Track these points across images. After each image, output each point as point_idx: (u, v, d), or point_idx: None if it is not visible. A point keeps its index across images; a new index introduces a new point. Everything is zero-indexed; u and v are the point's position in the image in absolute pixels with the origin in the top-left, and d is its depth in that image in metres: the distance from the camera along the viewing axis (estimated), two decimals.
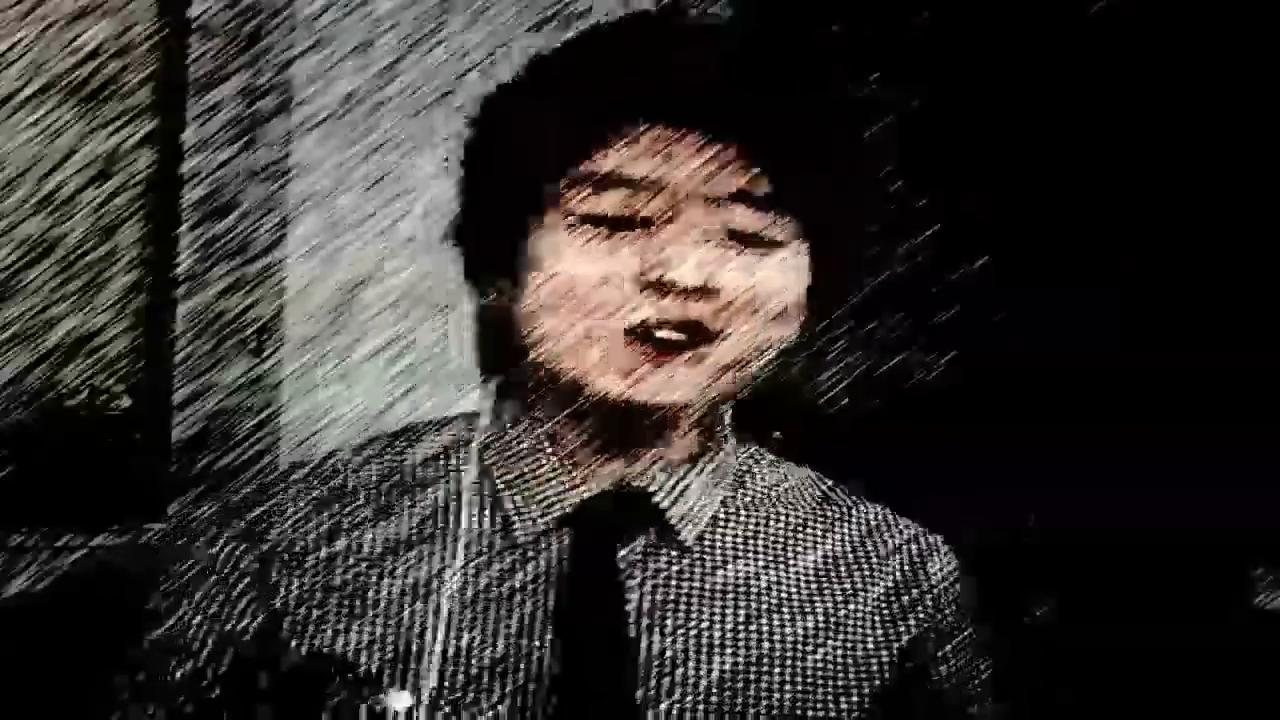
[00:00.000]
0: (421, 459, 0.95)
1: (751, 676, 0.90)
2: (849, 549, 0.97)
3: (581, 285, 0.85)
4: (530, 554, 0.90)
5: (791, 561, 0.95)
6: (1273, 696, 2.20)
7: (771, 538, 0.96)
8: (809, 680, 0.91)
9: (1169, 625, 2.46)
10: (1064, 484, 2.48)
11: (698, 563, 0.92)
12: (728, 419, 0.98)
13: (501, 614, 0.89)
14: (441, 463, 0.95)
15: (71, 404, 1.78)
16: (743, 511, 0.96)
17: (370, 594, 0.89)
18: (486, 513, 0.92)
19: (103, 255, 1.82)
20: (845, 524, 0.98)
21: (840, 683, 0.92)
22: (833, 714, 0.91)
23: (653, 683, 0.88)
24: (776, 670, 0.91)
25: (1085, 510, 2.50)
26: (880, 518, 1.00)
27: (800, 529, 0.97)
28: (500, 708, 0.86)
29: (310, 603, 0.89)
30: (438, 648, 0.88)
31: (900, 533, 0.99)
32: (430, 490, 0.93)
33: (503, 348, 0.95)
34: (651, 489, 0.92)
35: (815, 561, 0.96)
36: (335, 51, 1.77)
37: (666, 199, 0.85)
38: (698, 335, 0.85)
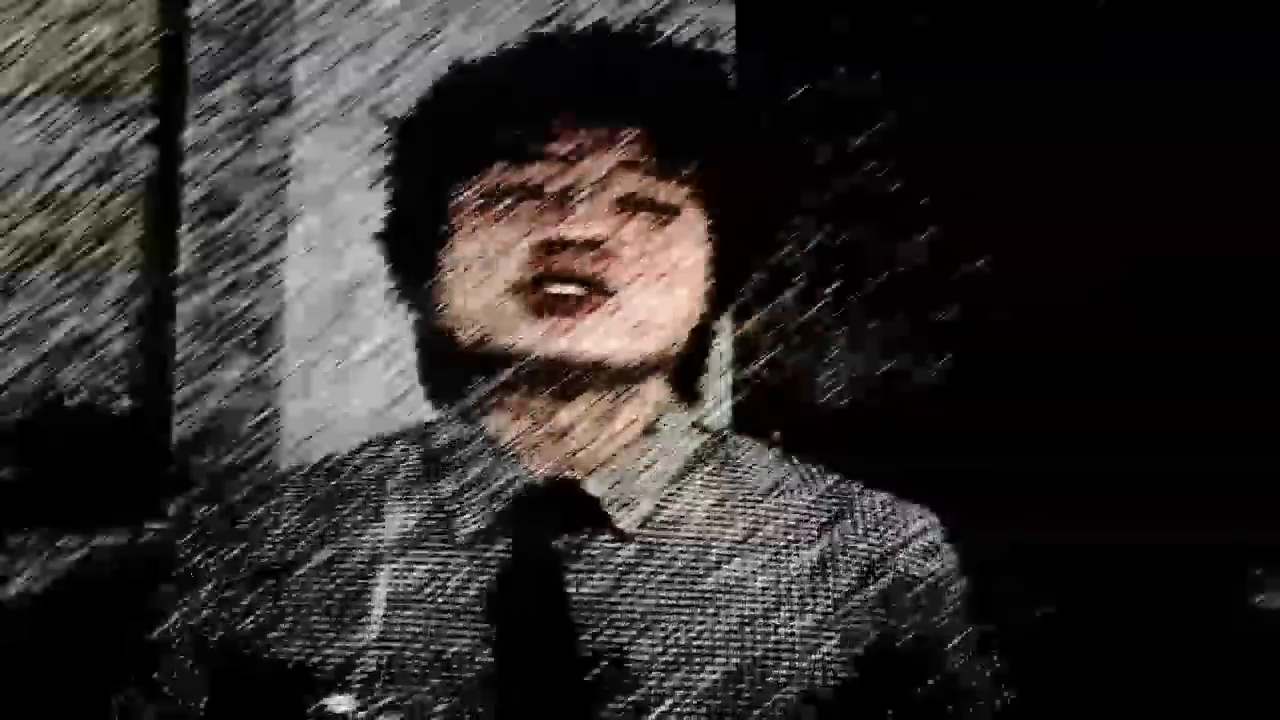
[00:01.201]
0: (369, 470, 0.98)
1: (702, 660, 0.90)
2: (813, 527, 0.96)
3: (481, 254, 0.91)
4: (471, 553, 0.92)
5: (763, 554, 0.95)
6: (1273, 696, 2.20)
7: (727, 519, 0.96)
8: (769, 657, 0.91)
9: (1169, 625, 2.46)
10: (1064, 486, 2.48)
11: (642, 552, 0.93)
12: (667, 402, 0.99)
13: (444, 615, 0.90)
14: (387, 471, 0.98)
15: (71, 404, 1.78)
16: (695, 495, 0.97)
17: (313, 602, 0.92)
18: (428, 515, 0.94)
19: (103, 255, 1.82)
20: (810, 502, 0.98)
21: (808, 659, 0.91)
22: (801, 688, 0.91)
23: (604, 674, 0.89)
24: (730, 651, 0.91)
25: (1085, 511, 2.50)
26: (858, 495, 0.99)
27: (759, 508, 0.97)
28: (442, 707, 0.88)
29: (263, 617, 0.92)
30: (380, 651, 0.89)
31: (879, 508, 0.98)
32: (375, 499, 0.96)
33: (432, 347, 1.00)
34: (585, 478, 0.94)
35: (776, 541, 0.95)
36: (335, 51, 1.77)
37: (562, 170, 0.92)
38: (592, 288, 0.90)
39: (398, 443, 1.01)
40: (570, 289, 0.90)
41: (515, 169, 0.93)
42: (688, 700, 0.89)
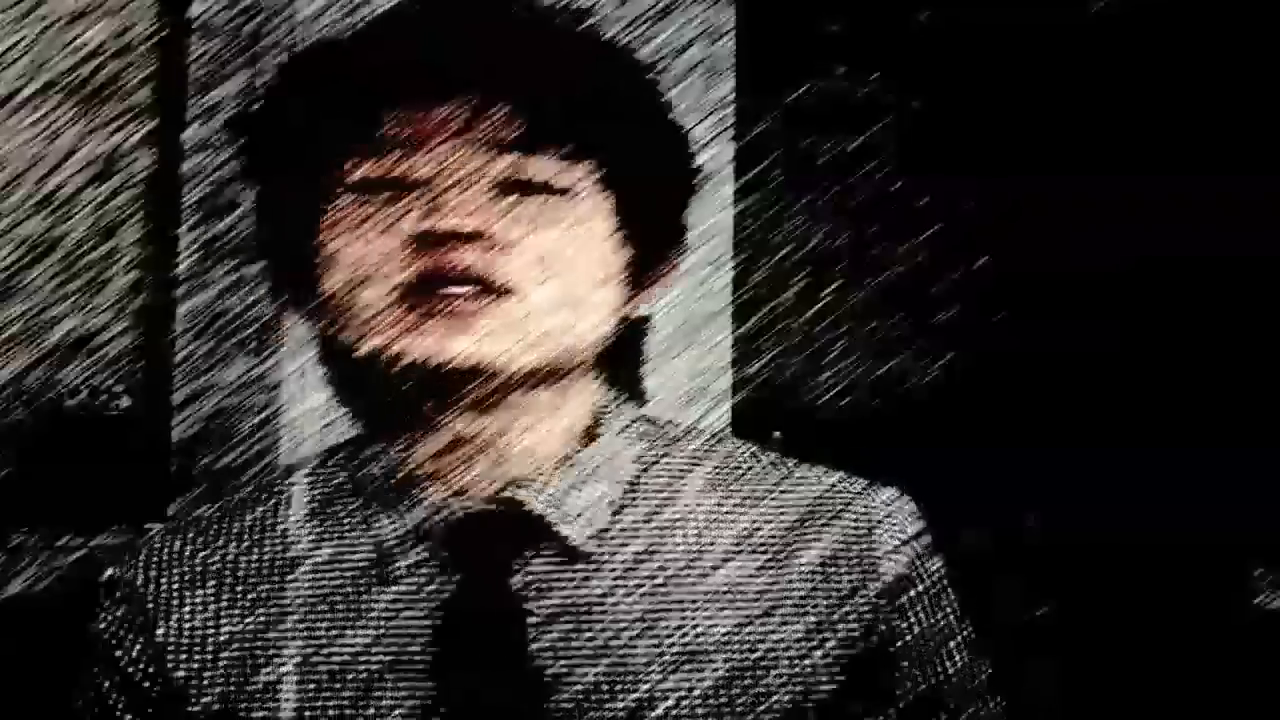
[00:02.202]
0: (305, 505, 0.91)
1: (678, 676, 0.83)
2: (780, 522, 0.88)
3: (355, 258, 0.82)
4: (409, 586, 0.85)
5: (716, 547, 0.87)
6: (1273, 696, 2.20)
7: (688, 524, 0.88)
8: (749, 669, 0.84)
9: (1169, 625, 2.45)
10: (1064, 484, 2.48)
11: (597, 566, 0.85)
12: (605, 403, 0.91)
13: (390, 651, 0.84)
14: (323, 507, 0.90)
15: (71, 404, 1.78)
16: (649, 501, 0.89)
17: (258, 649, 0.86)
18: (361, 548, 0.87)
19: (103, 255, 1.82)
20: (775, 496, 0.90)
21: (786, 668, 0.85)
22: (770, 704, 0.84)
23: (562, 698, 0.82)
24: (697, 661, 0.84)
25: (1085, 511, 2.50)
26: (814, 481, 0.91)
27: (720, 511, 0.89)
28: None
29: (199, 665, 0.86)
30: (323, 702, 0.83)
31: (839, 492, 0.90)
32: (313, 538, 0.89)
33: (333, 362, 0.91)
34: (523, 495, 0.85)
35: (744, 542, 0.87)
36: None
37: (436, 157, 0.82)
38: (484, 286, 0.81)
39: (328, 467, 0.93)
40: (461, 289, 0.81)
41: (376, 158, 0.83)
42: (652, 715, 0.82)
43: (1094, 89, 2.63)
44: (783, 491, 0.90)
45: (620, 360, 0.92)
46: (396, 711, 0.83)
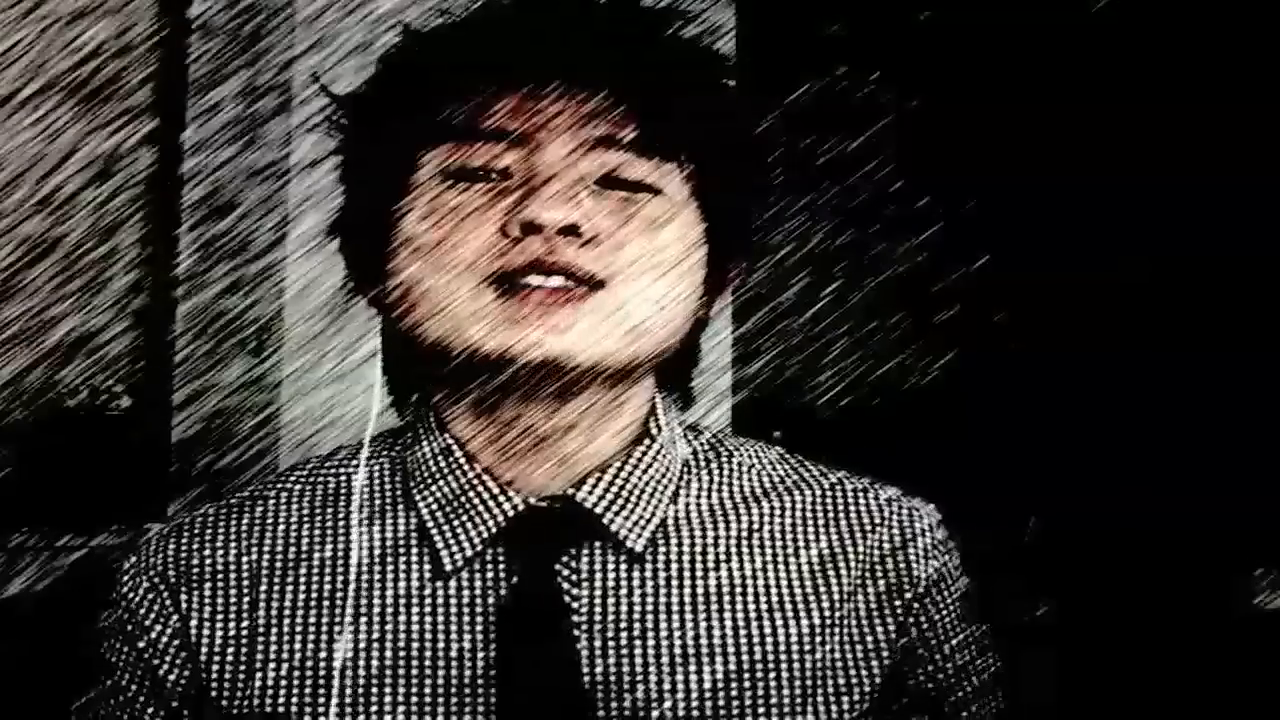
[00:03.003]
0: (348, 492, 0.89)
1: (733, 691, 0.83)
2: (825, 532, 0.90)
3: (443, 244, 0.81)
4: (460, 582, 0.85)
5: (764, 556, 0.88)
6: (1273, 696, 2.20)
7: (738, 532, 0.89)
8: (803, 684, 0.85)
9: (1169, 625, 2.45)
10: (1064, 484, 2.48)
11: (654, 571, 0.86)
12: (659, 403, 0.92)
13: (436, 649, 0.83)
14: (370, 494, 0.89)
15: (71, 404, 1.78)
16: (701, 506, 0.89)
17: (298, 643, 0.85)
18: (411, 544, 0.86)
19: (103, 255, 1.82)
20: (821, 507, 0.91)
21: (839, 680, 0.86)
22: (791, 699, 0.85)
23: (612, 706, 0.82)
24: (762, 678, 0.84)
25: (1086, 510, 2.50)
26: (859, 494, 0.93)
27: (770, 518, 0.90)
28: None
29: (234, 657, 0.85)
30: (366, 693, 0.83)
31: (882, 506, 0.92)
32: (358, 526, 0.88)
33: (400, 349, 0.89)
34: (584, 495, 0.86)
35: (790, 552, 0.89)
36: (335, 51, 1.77)
37: (532, 149, 0.82)
38: (572, 279, 0.81)
39: (374, 453, 0.91)
40: (554, 281, 0.80)
41: (474, 146, 0.83)
42: (688, 709, 0.83)
43: (1094, 88, 2.63)
44: (824, 502, 0.92)
45: (683, 361, 0.93)
46: (443, 705, 0.82)
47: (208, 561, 0.88)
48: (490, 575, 0.85)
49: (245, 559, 0.88)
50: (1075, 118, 2.64)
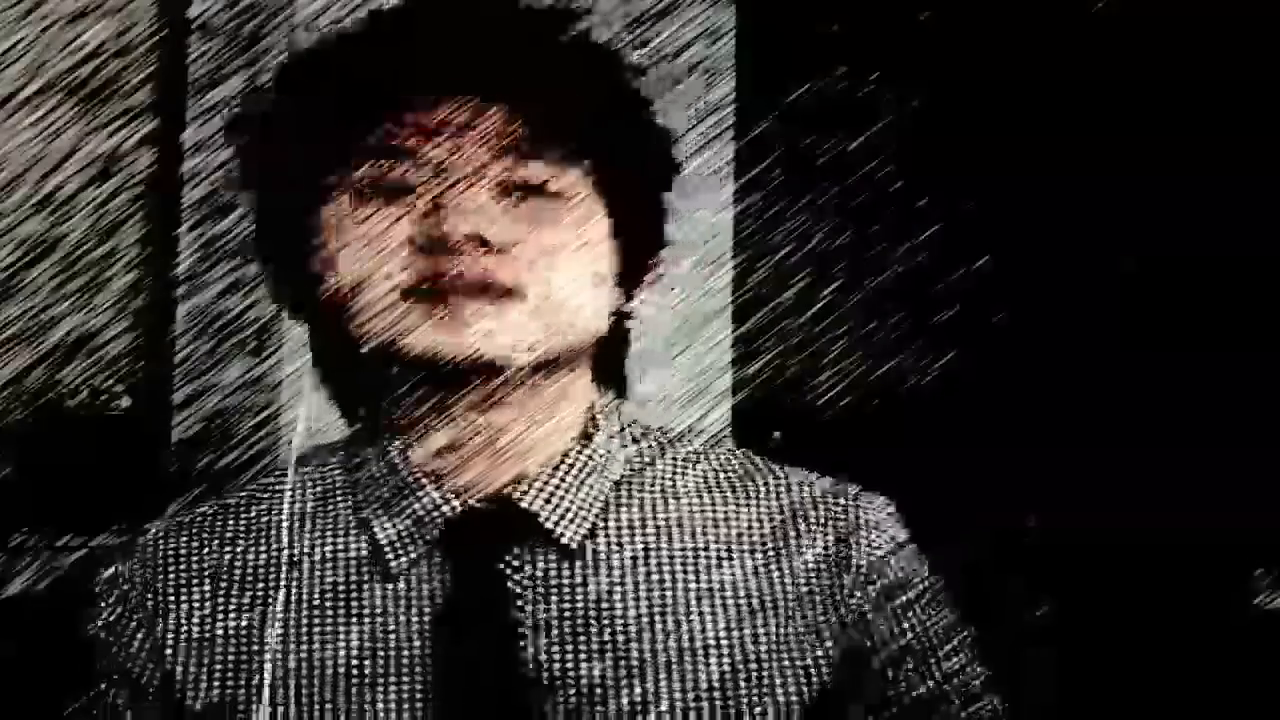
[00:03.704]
0: (300, 503, 0.92)
1: (675, 683, 0.85)
2: (773, 524, 0.91)
3: (359, 254, 0.84)
4: (407, 583, 0.87)
5: (701, 545, 0.89)
6: (1273, 696, 2.20)
7: (677, 525, 0.90)
8: (747, 674, 0.86)
9: (1169, 625, 2.45)
10: (1064, 483, 2.48)
11: (587, 565, 0.87)
12: (598, 403, 0.93)
13: (388, 648, 0.85)
14: (320, 504, 0.92)
15: (71, 404, 1.78)
16: (639, 503, 0.91)
17: (256, 647, 0.87)
18: (358, 546, 0.88)
19: (103, 255, 1.82)
20: (767, 499, 0.92)
21: (783, 670, 0.87)
22: (766, 701, 0.85)
23: (558, 701, 0.83)
24: (704, 669, 0.85)
25: (1085, 510, 2.50)
26: (805, 485, 0.93)
27: (714, 510, 0.91)
28: None
29: (195, 660, 0.88)
30: (320, 697, 0.85)
31: (829, 498, 0.92)
32: (310, 534, 0.90)
33: (330, 360, 0.92)
34: (519, 494, 0.87)
35: (729, 541, 0.90)
36: None
37: (436, 160, 0.84)
38: (483, 287, 0.83)
39: (321, 465, 0.94)
40: (464, 291, 0.82)
41: (380, 163, 0.84)
42: (643, 712, 0.84)
43: (1094, 88, 2.63)
44: (773, 496, 0.93)
45: (610, 359, 0.95)
46: (393, 708, 0.84)
47: (174, 570, 0.91)
48: (436, 576, 0.87)
49: (209, 567, 0.91)
50: (1075, 118, 2.64)
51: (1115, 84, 2.61)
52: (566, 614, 0.86)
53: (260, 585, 0.89)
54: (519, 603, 0.86)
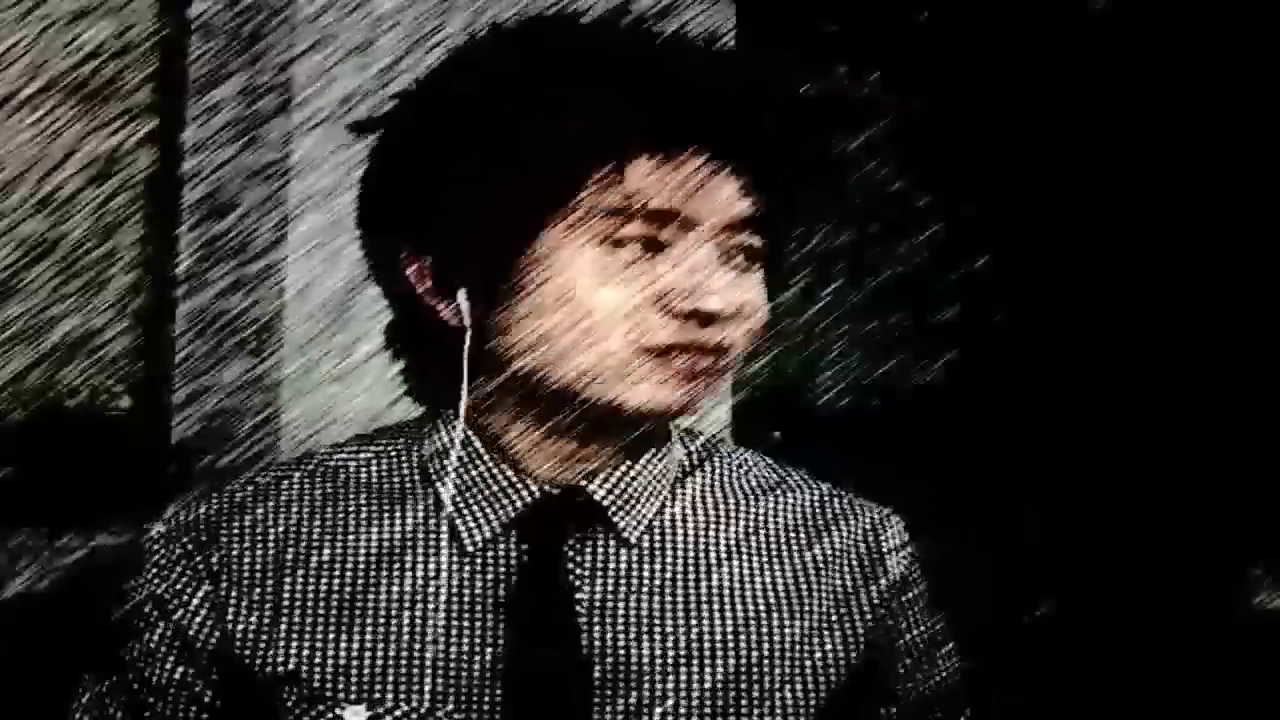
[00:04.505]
0: (365, 476, 0.94)
1: (730, 686, 0.90)
2: (819, 536, 0.97)
3: (602, 304, 0.84)
4: (480, 561, 0.90)
5: (761, 556, 0.95)
6: (1273, 696, 2.20)
7: (735, 530, 0.95)
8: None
9: (1169, 625, 2.46)
10: (1064, 483, 2.48)
11: (643, 556, 0.92)
12: None
13: (456, 623, 0.89)
14: (386, 478, 0.94)
15: (71, 404, 1.78)
16: (701, 504, 0.96)
17: (322, 612, 0.89)
18: (435, 525, 0.91)
19: (103, 255, 1.82)
20: (810, 510, 0.98)
21: (815, 678, 0.92)
22: (789, 696, 0.91)
23: (607, 675, 0.88)
24: (758, 675, 0.90)
25: (1085, 510, 2.50)
26: (839, 499, 1.00)
27: (765, 518, 0.97)
28: (449, 709, 0.86)
29: (261, 621, 0.89)
30: (392, 662, 0.87)
31: (859, 512, 0.99)
32: (376, 506, 0.92)
33: (449, 354, 0.90)
34: (592, 486, 0.92)
35: (786, 553, 0.95)
36: (335, 51, 1.77)
37: (685, 223, 0.85)
38: (719, 356, 0.87)
39: (387, 443, 0.97)
40: (705, 361, 0.86)
41: (618, 190, 0.83)
42: (688, 700, 0.88)
43: (1095, 88, 2.63)
44: (812, 504, 0.98)
45: None
46: (457, 681, 0.87)
47: (236, 531, 0.92)
48: (505, 558, 0.90)
49: (273, 532, 0.92)
50: (1075, 117, 2.64)
51: (1116, 83, 2.61)
52: (621, 600, 0.90)
53: (326, 552, 0.91)
54: (578, 584, 0.90)
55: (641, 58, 0.86)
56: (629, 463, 0.93)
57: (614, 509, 0.92)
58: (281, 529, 0.92)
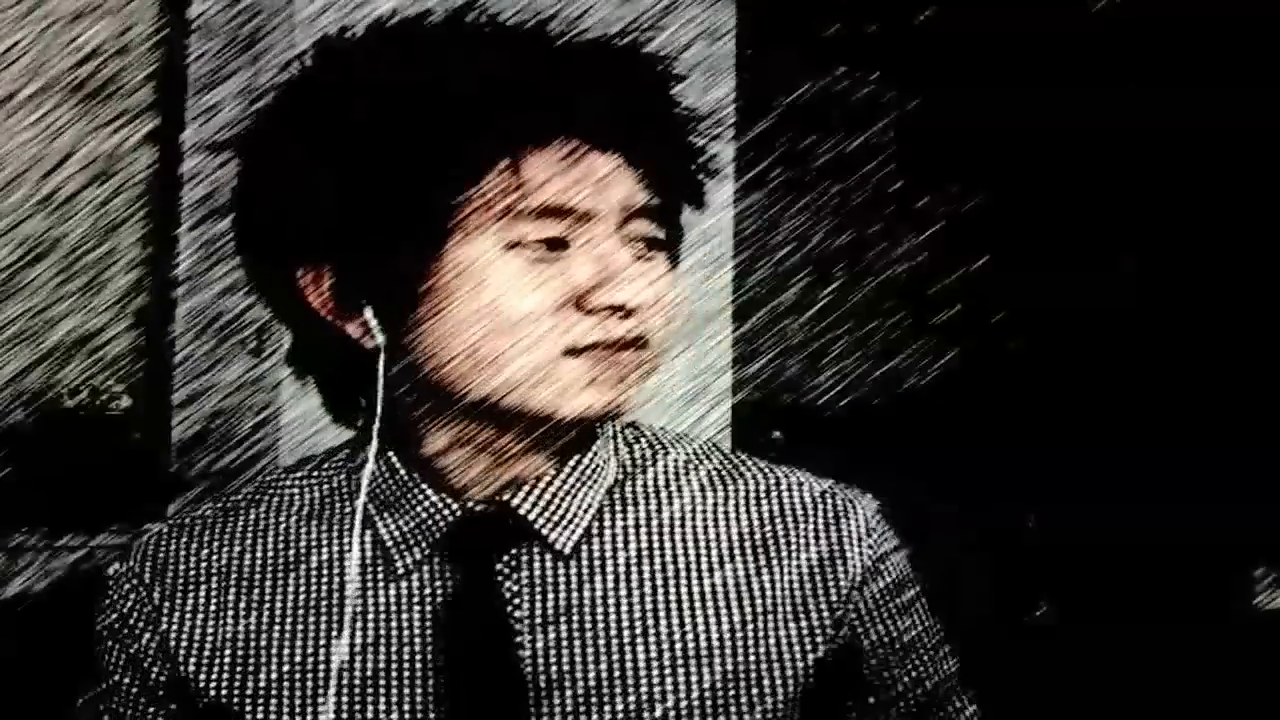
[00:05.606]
0: (305, 502, 0.93)
1: (669, 683, 0.86)
2: (759, 524, 0.92)
3: (519, 309, 0.82)
4: (412, 583, 0.88)
5: (696, 548, 0.91)
6: (1273, 696, 2.20)
7: (671, 530, 0.91)
8: (735, 673, 0.87)
9: (1169, 625, 2.46)
10: (1063, 484, 2.48)
11: (581, 567, 0.89)
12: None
13: (391, 646, 0.87)
14: (324, 503, 0.93)
15: (71, 404, 1.79)
16: (630, 506, 0.92)
17: (258, 644, 0.89)
18: (366, 548, 0.89)
19: (103, 255, 1.82)
20: (753, 498, 0.93)
21: (771, 669, 0.88)
22: (757, 698, 0.87)
23: (543, 693, 0.85)
24: (696, 669, 0.87)
25: (1084, 510, 2.50)
26: (793, 485, 0.94)
27: (707, 516, 0.92)
28: None
29: (200, 655, 0.89)
30: (322, 690, 0.87)
31: (816, 497, 0.93)
32: (315, 533, 0.92)
33: (363, 375, 0.87)
34: (516, 500, 0.88)
35: (723, 544, 0.91)
36: None
37: (588, 218, 0.83)
38: (640, 350, 0.85)
39: (329, 466, 0.95)
40: (628, 356, 0.84)
41: (528, 217, 0.81)
42: (635, 711, 0.85)
43: (1095, 88, 2.63)
44: (766, 499, 0.93)
45: None
46: (394, 706, 0.86)
47: (181, 569, 0.92)
48: (439, 577, 0.88)
49: (216, 566, 0.92)
50: (1075, 117, 2.64)
51: (1116, 83, 2.61)
52: (562, 616, 0.87)
53: (264, 586, 0.91)
54: (515, 602, 0.87)
55: (530, 52, 0.84)
56: (553, 472, 0.89)
57: (542, 522, 0.88)
58: (224, 561, 0.92)
